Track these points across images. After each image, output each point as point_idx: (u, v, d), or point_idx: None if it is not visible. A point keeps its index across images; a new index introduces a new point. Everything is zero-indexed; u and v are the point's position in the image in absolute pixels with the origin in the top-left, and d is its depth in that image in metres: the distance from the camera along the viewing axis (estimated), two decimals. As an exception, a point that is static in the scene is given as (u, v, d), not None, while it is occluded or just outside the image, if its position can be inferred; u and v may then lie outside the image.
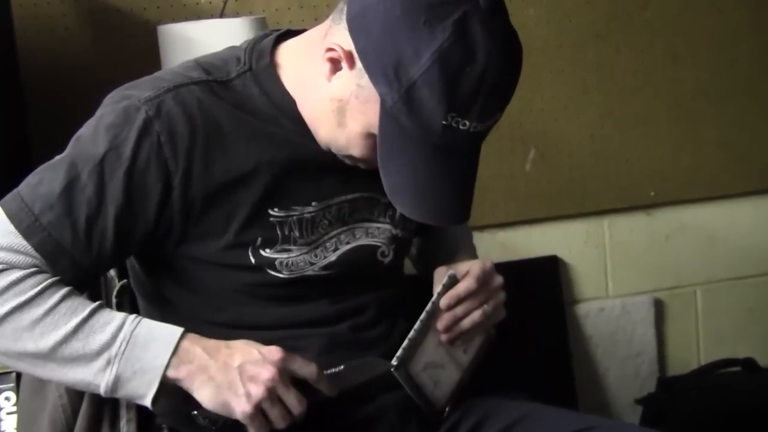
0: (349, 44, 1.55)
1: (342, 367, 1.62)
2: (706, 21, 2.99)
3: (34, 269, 1.54)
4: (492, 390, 1.83)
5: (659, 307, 3.11)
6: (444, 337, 1.68)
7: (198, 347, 1.53)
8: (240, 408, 1.50)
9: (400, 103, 1.50)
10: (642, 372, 3.09)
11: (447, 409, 1.73)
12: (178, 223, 1.61)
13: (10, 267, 1.54)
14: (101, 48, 2.61)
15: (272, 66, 1.67)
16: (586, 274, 3.06)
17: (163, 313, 1.70)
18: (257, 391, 1.50)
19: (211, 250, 1.63)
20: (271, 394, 1.50)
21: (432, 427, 1.75)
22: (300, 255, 1.66)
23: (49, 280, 1.54)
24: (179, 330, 1.54)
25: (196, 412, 1.54)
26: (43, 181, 1.57)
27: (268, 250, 1.64)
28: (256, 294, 1.66)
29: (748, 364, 3.01)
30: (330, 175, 1.69)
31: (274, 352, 1.52)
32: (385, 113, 1.53)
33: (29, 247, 1.54)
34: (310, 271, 1.67)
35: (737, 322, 3.16)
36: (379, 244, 1.75)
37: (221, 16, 2.63)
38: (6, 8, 2.43)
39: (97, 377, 1.52)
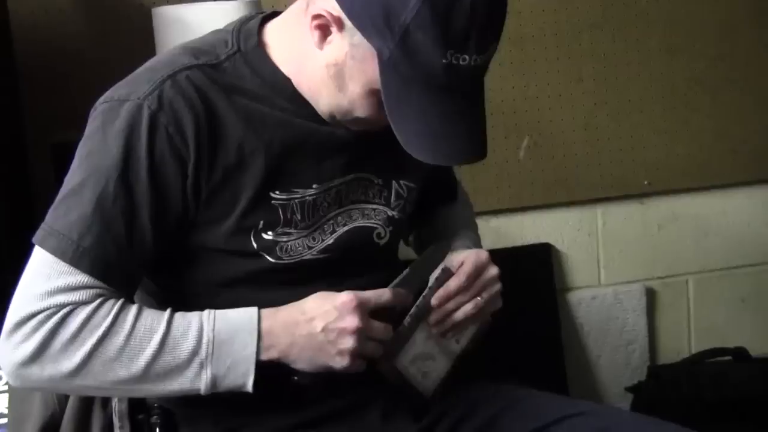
0: (334, 7, 1.54)
1: (406, 270, 1.68)
2: (702, 11, 3.00)
3: (99, 300, 1.55)
4: (483, 377, 1.83)
5: (651, 296, 3.12)
6: (435, 331, 1.69)
7: (278, 326, 1.57)
8: (339, 365, 1.56)
9: (397, 52, 1.49)
10: (633, 360, 3.10)
11: (435, 397, 1.73)
12: (192, 209, 1.61)
13: (76, 306, 1.55)
14: (96, 30, 2.61)
15: (261, 46, 1.67)
16: (579, 263, 3.07)
17: (152, 302, 1.70)
18: (347, 344, 1.56)
19: (217, 236, 1.63)
20: (360, 340, 1.56)
21: (422, 413, 1.75)
22: (299, 238, 1.66)
23: (116, 307, 1.55)
24: (254, 313, 1.56)
25: (296, 378, 1.59)
26: (71, 207, 1.57)
27: (270, 233, 1.64)
28: (255, 280, 1.66)
29: (739, 353, 3.02)
30: (329, 157, 1.68)
31: (347, 302, 1.56)
32: (385, 65, 1.52)
33: (83, 275, 1.56)
34: (308, 256, 1.67)
35: (729, 311, 3.17)
36: (375, 225, 1.74)
37: (216, -2, 2.63)
38: (1, -11, 2.43)
39: (194, 383, 1.55)
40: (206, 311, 1.58)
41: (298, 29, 1.62)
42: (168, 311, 1.57)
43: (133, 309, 1.56)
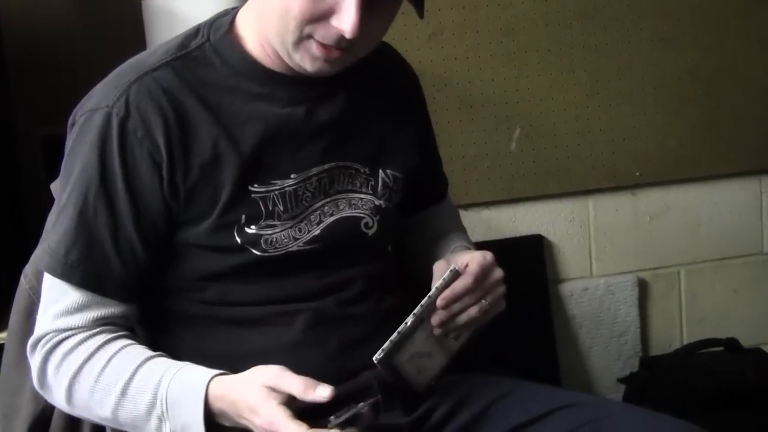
0: None
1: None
2: (692, 1, 3.00)
3: (92, 331, 1.60)
4: (475, 368, 1.83)
5: (643, 287, 3.12)
6: (437, 332, 1.68)
7: (227, 399, 1.53)
8: None
9: None
10: (625, 351, 3.10)
11: (427, 391, 1.73)
12: (174, 209, 1.62)
13: (71, 333, 1.60)
14: (86, 21, 2.61)
15: (230, 34, 1.68)
16: (571, 254, 3.07)
17: (149, 299, 1.71)
18: None
19: (199, 233, 1.64)
20: None
21: (415, 404, 1.75)
22: (284, 230, 1.66)
23: (101, 341, 1.59)
24: (207, 378, 1.54)
25: None
26: (57, 223, 1.61)
27: (253, 227, 1.64)
28: (238, 274, 1.66)
29: (731, 344, 3.02)
30: (305, 145, 1.69)
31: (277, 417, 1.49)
32: None
33: (77, 291, 1.60)
34: (294, 247, 1.67)
35: (720, 302, 3.18)
36: (362, 215, 1.75)
37: (207, -11, 2.63)
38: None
39: None
40: (174, 368, 1.57)
41: (263, 7, 1.62)
42: (143, 357, 1.59)
43: (112, 348, 1.59)
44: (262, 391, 1.50)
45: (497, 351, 2.50)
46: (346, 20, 1.52)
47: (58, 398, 1.62)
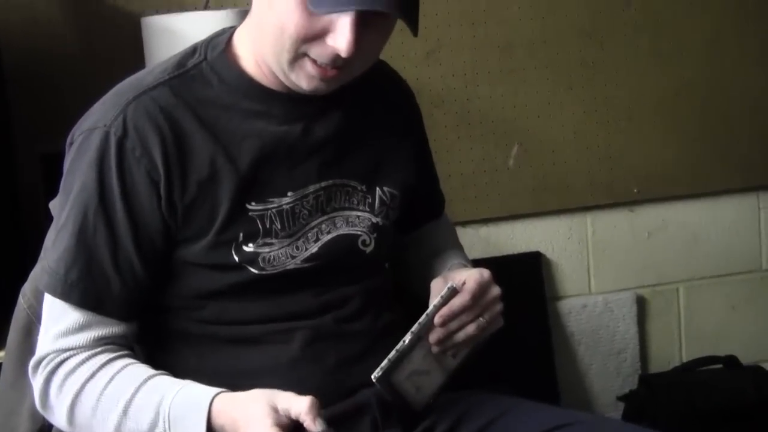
0: None
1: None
2: (690, 18, 3.01)
3: (93, 351, 1.60)
4: (474, 385, 1.83)
5: (641, 304, 3.12)
6: (435, 349, 1.67)
7: (228, 416, 1.53)
8: None
9: None
10: (624, 369, 3.10)
11: (425, 409, 1.72)
12: (172, 227, 1.63)
13: (72, 353, 1.60)
14: (84, 40, 2.61)
15: (227, 52, 1.68)
16: (569, 271, 3.07)
17: (149, 318, 1.71)
18: None
19: (197, 251, 1.64)
20: None
21: (413, 422, 1.75)
22: (281, 248, 1.66)
23: (102, 361, 1.60)
24: (210, 395, 1.55)
25: None
26: (57, 243, 1.62)
27: (250, 245, 1.65)
28: (238, 291, 1.66)
29: (730, 361, 3.03)
30: (301, 163, 1.69)
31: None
32: None
33: (77, 310, 1.60)
34: (291, 265, 1.67)
35: (719, 319, 3.18)
36: (359, 232, 1.75)
37: (205, 8, 2.62)
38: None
39: None
40: (176, 387, 1.58)
41: (257, 26, 1.63)
42: (145, 376, 1.59)
43: (113, 367, 1.59)
44: (263, 408, 1.50)
45: (495, 368, 2.50)
46: (341, 39, 1.52)
47: (60, 419, 1.62)
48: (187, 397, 1.56)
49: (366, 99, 1.76)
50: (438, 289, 1.70)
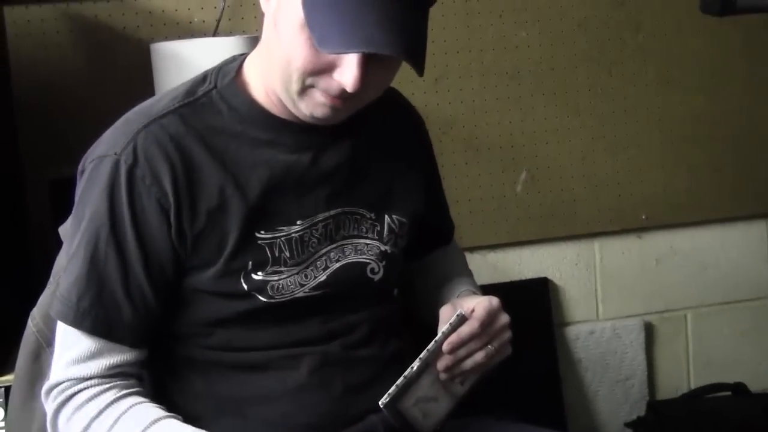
0: None
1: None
2: (697, 45, 3.01)
3: (105, 386, 1.61)
4: (480, 412, 1.83)
5: (649, 330, 3.12)
6: (443, 376, 1.67)
7: None
8: None
9: None
10: (632, 395, 3.09)
11: None
12: (182, 255, 1.63)
13: (84, 386, 1.61)
14: (94, 66, 2.61)
15: (237, 81, 1.69)
16: (577, 297, 3.07)
17: (158, 344, 1.72)
18: None
19: (206, 279, 1.64)
20: None
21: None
22: (290, 276, 1.67)
23: (111, 398, 1.60)
24: None
25: None
26: (69, 271, 1.62)
27: (259, 273, 1.65)
28: (246, 319, 1.67)
29: (739, 388, 3.01)
30: (310, 191, 1.69)
31: None
32: None
33: (89, 338, 1.61)
34: (300, 293, 1.67)
35: (728, 346, 3.17)
36: (368, 260, 1.75)
37: (214, 34, 2.63)
38: (-1, 24, 2.44)
39: None
40: (185, 428, 1.58)
41: (264, 46, 1.65)
42: (151, 419, 1.59)
43: (121, 407, 1.60)
44: None
45: (502, 394, 2.50)
46: (347, 76, 1.52)
47: None
48: None
49: (375, 127, 1.76)
50: (447, 316, 1.70)
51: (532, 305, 3.00)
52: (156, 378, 1.75)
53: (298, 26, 1.53)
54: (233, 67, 1.71)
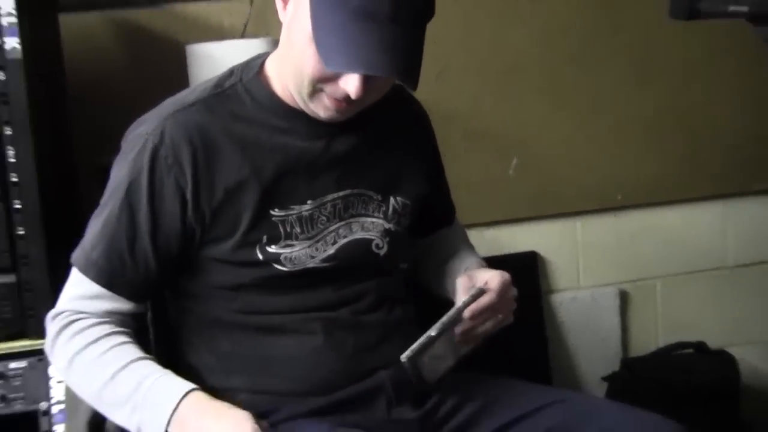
0: None
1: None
2: (667, 47, 2.99)
3: (101, 320, 1.62)
4: (476, 368, 1.82)
5: (624, 297, 3.10)
6: (458, 339, 1.67)
7: (194, 415, 1.52)
8: None
9: None
10: (608, 353, 3.08)
11: (436, 385, 1.72)
12: (197, 230, 1.63)
13: (85, 316, 1.62)
14: (136, 65, 2.62)
15: (260, 75, 1.69)
16: (561, 268, 3.05)
17: (188, 306, 1.72)
18: None
19: (224, 250, 1.64)
20: None
21: (423, 399, 1.75)
22: (302, 249, 1.66)
23: (107, 331, 1.61)
24: (183, 390, 1.54)
25: None
26: (92, 222, 1.65)
27: (273, 246, 1.64)
28: (263, 285, 1.66)
29: (700, 346, 3.02)
30: (321, 174, 1.69)
31: None
32: None
33: (91, 283, 1.62)
34: (311, 264, 1.67)
35: (691, 310, 3.16)
36: (373, 237, 1.74)
37: (242, 36, 2.63)
38: (56, 30, 2.44)
39: (128, 421, 1.56)
40: (159, 372, 1.57)
41: (281, 50, 1.65)
42: (137, 356, 1.59)
43: (114, 340, 1.60)
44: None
45: (496, 353, 2.48)
46: (350, 85, 1.53)
47: (58, 364, 1.64)
48: (164, 384, 1.55)
49: (382, 120, 1.75)
50: (465, 286, 1.71)
51: (522, 275, 2.96)
52: (187, 339, 1.75)
53: (308, 39, 1.53)
54: (257, 64, 1.71)
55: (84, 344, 1.60)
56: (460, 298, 1.68)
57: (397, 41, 1.50)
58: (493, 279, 1.70)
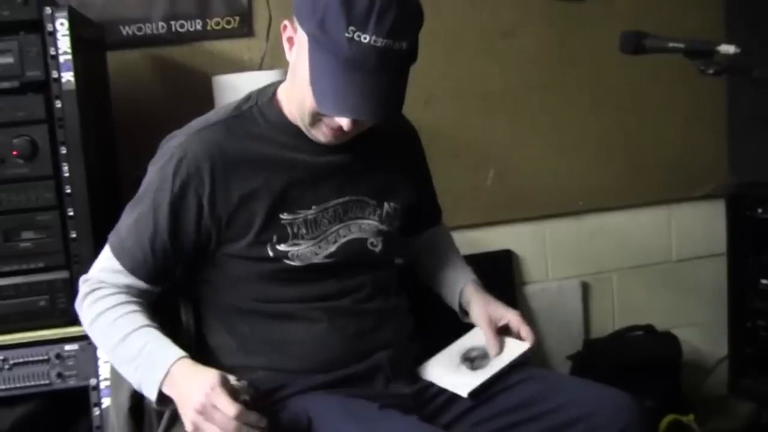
0: (292, 16, 1.57)
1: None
2: (617, 77, 2.99)
3: (120, 289, 1.63)
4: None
5: (585, 287, 3.10)
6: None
7: (183, 379, 1.50)
8: None
9: (317, 30, 1.48)
10: (572, 335, 3.07)
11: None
12: (213, 232, 1.63)
13: (108, 285, 1.63)
14: (171, 93, 2.62)
15: (273, 100, 1.69)
16: (531, 263, 3.04)
17: (211, 295, 1.72)
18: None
19: (239, 248, 1.64)
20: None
21: (414, 378, 1.75)
22: (307, 248, 1.66)
23: (124, 300, 1.62)
24: (176, 356, 1.53)
25: None
26: (126, 215, 1.66)
27: (282, 245, 1.64)
28: (275, 278, 1.66)
29: (649, 329, 3.02)
30: (324, 183, 1.68)
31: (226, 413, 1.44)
32: (311, 43, 1.51)
33: (118, 264, 1.63)
34: (316, 260, 1.67)
35: (641, 298, 3.15)
36: (367, 236, 1.73)
37: (260, 68, 2.63)
38: (103, 65, 2.46)
39: (131, 377, 1.57)
40: (160, 339, 1.57)
41: (288, 82, 1.66)
42: (146, 323, 1.59)
43: (130, 307, 1.61)
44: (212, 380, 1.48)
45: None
46: (343, 122, 1.55)
47: (84, 321, 1.66)
48: (162, 348, 1.55)
49: (377, 136, 1.74)
50: (484, 320, 1.84)
51: (498, 270, 2.98)
52: (209, 323, 1.75)
53: (307, 81, 1.53)
54: (271, 90, 1.71)
55: (104, 308, 1.61)
56: (511, 355, 1.77)
57: (381, 89, 1.50)
58: (522, 326, 1.84)
